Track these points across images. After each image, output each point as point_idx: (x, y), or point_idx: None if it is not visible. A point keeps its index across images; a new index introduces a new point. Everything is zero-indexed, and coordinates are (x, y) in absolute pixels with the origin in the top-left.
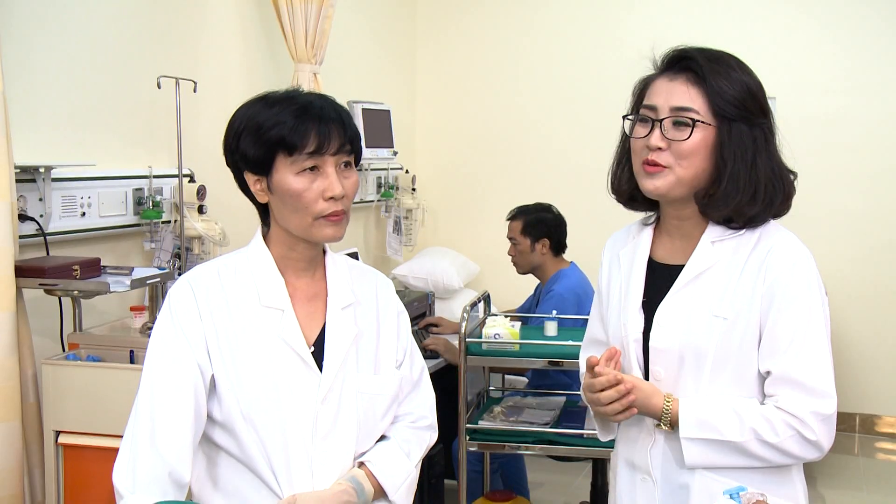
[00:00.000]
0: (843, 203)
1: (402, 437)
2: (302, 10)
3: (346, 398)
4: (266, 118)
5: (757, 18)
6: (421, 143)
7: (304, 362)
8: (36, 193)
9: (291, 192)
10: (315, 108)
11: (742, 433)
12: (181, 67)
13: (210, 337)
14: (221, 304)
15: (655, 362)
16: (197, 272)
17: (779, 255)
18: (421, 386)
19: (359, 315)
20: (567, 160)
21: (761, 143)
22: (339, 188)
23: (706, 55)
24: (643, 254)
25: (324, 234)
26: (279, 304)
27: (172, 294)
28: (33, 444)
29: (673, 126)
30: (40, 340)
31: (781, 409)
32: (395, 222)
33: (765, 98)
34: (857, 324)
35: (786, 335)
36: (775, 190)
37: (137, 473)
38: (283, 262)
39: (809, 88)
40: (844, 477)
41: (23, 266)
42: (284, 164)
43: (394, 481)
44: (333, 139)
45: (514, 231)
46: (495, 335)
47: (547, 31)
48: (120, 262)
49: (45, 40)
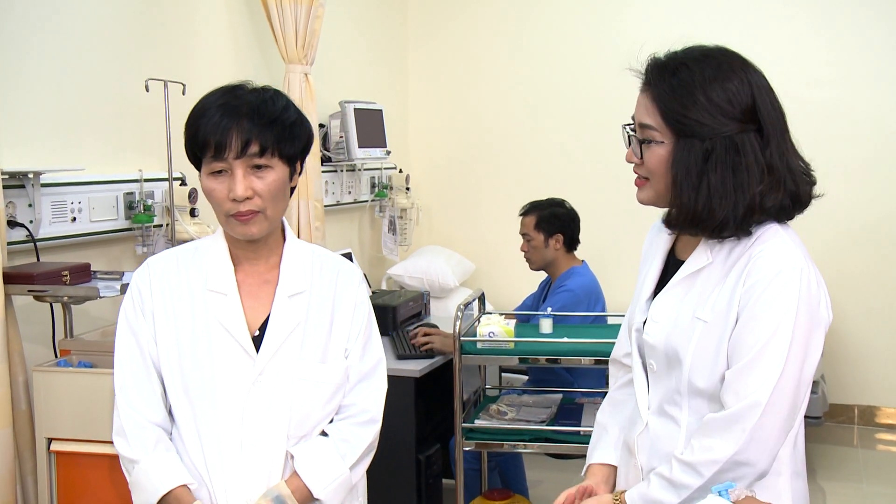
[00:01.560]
0: (837, 194)
1: (340, 436)
2: (292, 11)
3: (282, 383)
4: (196, 120)
5: (745, 10)
6: (414, 142)
7: (241, 346)
8: (25, 199)
9: (205, 191)
10: (228, 108)
11: (678, 495)
12: (171, 70)
13: (158, 314)
14: (174, 285)
15: (649, 355)
16: (158, 256)
17: (761, 262)
18: (372, 378)
19: (311, 304)
20: (561, 157)
21: (721, 156)
22: (241, 190)
23: (667, 68)
24: (664, 247)
25: (235, 232)
26: (223, 288)
27: (134, 275)
28: (26, 452)
29: (638, 143)
30: (33, 347)
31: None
32: (389, 222)
33: (746, 102)
34: (856, 315)
35: (743, 347)
36: (737, 202)
37: (129, 436)
38: (238, 249)
39: (798, 80)
40: (844, 469)
41: (11, 273)
42: (206, 164)
43: (321, 483)
44: (233, 142)
45: (527, 226)
46: (490, 333)
47: (540, 29)
48: (112, 267)
49: (33, 45)
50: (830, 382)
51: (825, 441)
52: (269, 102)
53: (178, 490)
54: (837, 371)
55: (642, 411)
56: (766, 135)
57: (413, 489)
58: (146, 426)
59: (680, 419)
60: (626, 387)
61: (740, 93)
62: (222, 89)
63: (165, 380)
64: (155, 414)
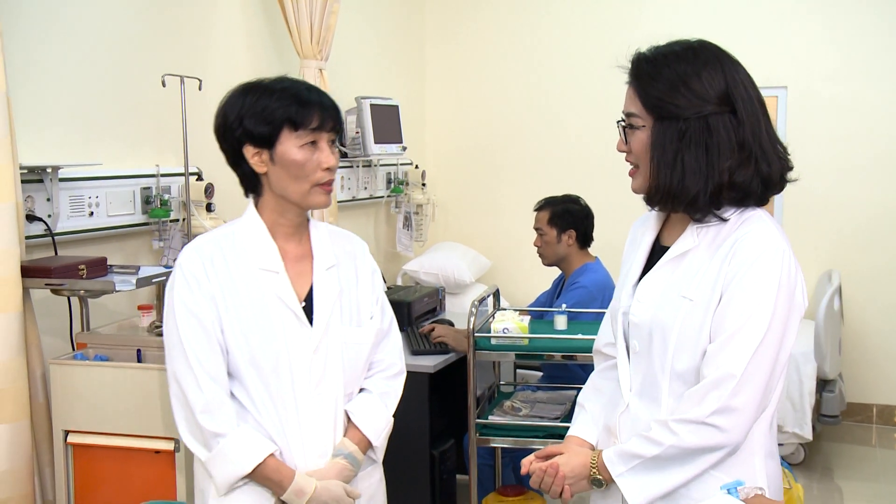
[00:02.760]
0: (853, 191)
1: (380, 389)
2: (307, 6)
3: (333, 348)
4: (270, 102)
5: (764, 7)
6: (431, 138)
7: (297, 318)
8: (43, 194)
9: (295, 161)
10: (315, 94)
11: (651, 448)
12: (187, 65)
13: (217, 295)
14: (223, 267)
15: (633, 336)
16: (200, 241)
17: (746, 244)
18: (391, 334)
19: (341, 274)
20: (578, 154)
21: (694, 136)
22: (333, 160)
23: (645, 57)
24: (650, 235)
25: (318, 201)
26: (273, 266)
27: (181, 260)
28: (43, 444)
29: (625, 132)
30: (51, 340)
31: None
32: (405, 217)
33: (719, 86)
34: (873, 314)
35: (725, 323)
36: (708, 179)
37: (214, 411)
38: (274, 227)
39: (817, 77)
40: (862, 468)
41: (29, 266)
42: (289, 138)
43: (376, 431)
44: (329, 119)
45: (540, 222)
46: (504, 329)
47: (557, 24)
48: (129, 261)
49: (51, 41)
50: (848, 381)
51: (843, 440)
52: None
53: (270, 459)
54: (855, 370)
55: (624, 393)
56: (740, 116)
57: (427, 485)
58: (226, 401)
59: (661, 399)
60: (606, 371)
61: (714, 78)
62: (278, 80)
63: (233, 356)
64: (227, 389)
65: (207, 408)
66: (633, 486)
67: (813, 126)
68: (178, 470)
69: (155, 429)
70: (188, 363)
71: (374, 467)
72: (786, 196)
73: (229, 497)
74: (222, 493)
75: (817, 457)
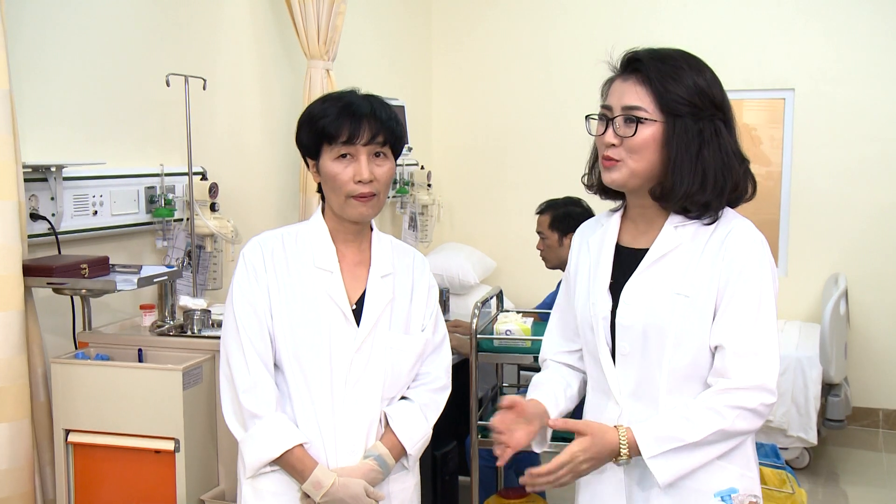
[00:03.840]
0: (861, 195)
1: (422, 400)
2: (314, 7)
3: (377, 351)
4: (317, 113)
5: (771, 9)
6: (437, 139)
7: (345, 317)
8: (47, 192)
9: (329, 174)
10: (353, 106)
11: (697, 432)
12: (194, 65)
13: (272, 287)
14: (283, 262)
15: (622, 338)
16: (265, 236)
17: (737, 237)
18: (441, 350)
19: (396, 284)
20: (584, 155)
21: (709, 135)
22: (367, 173)
23: (654, 55)
24: (611, 239)
25: (355, 213)
26: (329, 266)
27: (245, 250)
28: (44, 443)
29: (624, 123)
30: (54, 339)
31: (722, 392)
32: (410, 218)
33: (719, 93)
34: (881, 318)
35: (739, 311)
36: (724, 179)
37: (258, 391)
38: (335, 232)
39: (824, 79)
40: (868, 473)
41: (31, 265)
42: (327, 150)
43: (412, 440)
44: (364, 131)
45: (542, 225)
46: (506, 331)
47: (565, 25)
48: (133, 260)
49: (56, 39)
50: (855, 385)
51: (849, 445)
52: (386, 106)
53: (297, 449)
54: (862, 374)
55: (617, 397)
56: (730, 123)
57: (429, 486)
58: (270, 386)
59: (659, 398)
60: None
61: (715, 84)
62: (339, 92)
63: (279, 347)
64: (273, 375)
65: (251, 388)
66: (663, 467)
67: (820, 128)
68: (178, 470)
69: (155, 428)
70: (241, 345)
71: (407, 473)
72: (792, 199)
73: (259, 480)
74: (250, 474)
75: (823, 461)
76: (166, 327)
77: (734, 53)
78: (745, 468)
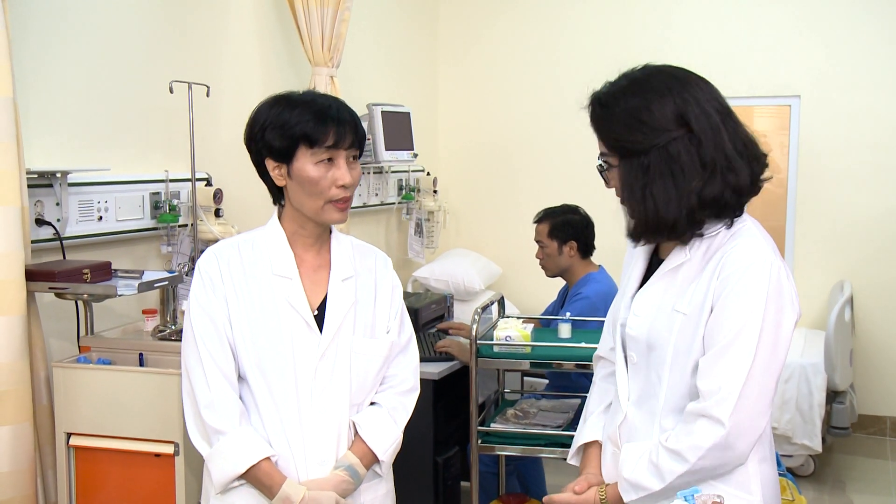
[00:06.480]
0: (868, 201)
1: (390, 404)
2: (318, 14)
3: (342, 357)
4: (290, 116)
5: (777, 17)
6: (443, 145)
7: (307, 324)
8: (52, 198)
9: (310, 178)
10: (333, 110)
11: (662, 479)
12: (198, 72)
13: (231, 297)
14: (240, 271)
15: (631, 348)
16: (220, 245)
17: (734, 257)
18: (408, 351)
19: (358, 286)
20: (591, 162)
21: (657, 167)
22: (349, 177)
23: (600, 98)
24: (647, 249)
25: (331, 218)
26: (288, 272)
27: (201, 263)
28: (46, 446)
29: (603, 172)
30: (57, 343)
31: (683, 427)
32: (416, 224)
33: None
34: (887, 325)
35: (717, 335)
36: (679, 208)
37: (218, 407)
38: (294, 237)
39: (830, 86)
40: (875, 481)
41: (34, 270)
42: (305, 154)
43: (383, 446)
44: (348, 136)
45: (541, 234)
46: (506, 337)
47: (570, 34)
48: (137, 266)
49: (61, 47)
50: (861, 393)
51: (855, 452)
52: (350, 109)
53: (264, 463)
54: (868, 381)
55: (623, 402)
56: (698, 135)
57: (431, 492)
58: (232, 400)
59: (657, 410)
60: (607, 378)
61: (664, 105)
62: (304, 94)
63: (240, 358)
64: (235, 389)
65: (212, 404)
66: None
67: (826, 135)
68: (178, 473)
69: (155, 432)
70: (200, 359)
71: (380, 481)
72: (798, 205)
73: (228, 496)
74: (218, 490)
75: (829, 469)
76: (168, 332)
77: (740, 60)
78: (740, 489)
